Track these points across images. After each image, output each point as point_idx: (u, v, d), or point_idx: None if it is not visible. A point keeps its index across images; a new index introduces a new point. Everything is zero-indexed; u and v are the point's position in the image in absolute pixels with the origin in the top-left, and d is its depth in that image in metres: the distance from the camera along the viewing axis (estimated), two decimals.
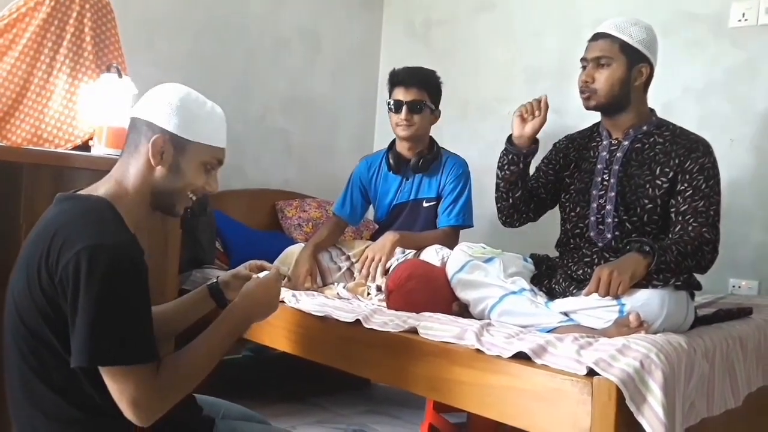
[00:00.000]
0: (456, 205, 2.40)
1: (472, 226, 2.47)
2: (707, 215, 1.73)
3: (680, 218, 1.74)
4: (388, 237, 2.27)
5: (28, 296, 1.13)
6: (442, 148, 2.53)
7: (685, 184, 1.76)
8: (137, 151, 1.23)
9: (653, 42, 1.83)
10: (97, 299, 1.07)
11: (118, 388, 1.09)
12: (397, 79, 2.41)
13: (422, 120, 2.41)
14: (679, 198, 1.76)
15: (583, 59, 1.88)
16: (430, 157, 2.44)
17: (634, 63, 1.81)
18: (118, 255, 1.09)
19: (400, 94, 2.38)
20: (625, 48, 1.80)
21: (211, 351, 1.22)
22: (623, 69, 1.80)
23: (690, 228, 1.72)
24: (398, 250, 2.32)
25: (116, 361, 1.08)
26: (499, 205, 2.03)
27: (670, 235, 1.76)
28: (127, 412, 1.10)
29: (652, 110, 1.90)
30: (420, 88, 2.39)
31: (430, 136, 2.52)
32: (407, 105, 2.37)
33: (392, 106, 2.40)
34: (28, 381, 1.15)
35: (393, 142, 2.51)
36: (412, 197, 2.47)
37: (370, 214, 2.71)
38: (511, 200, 1.99)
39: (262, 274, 1.40)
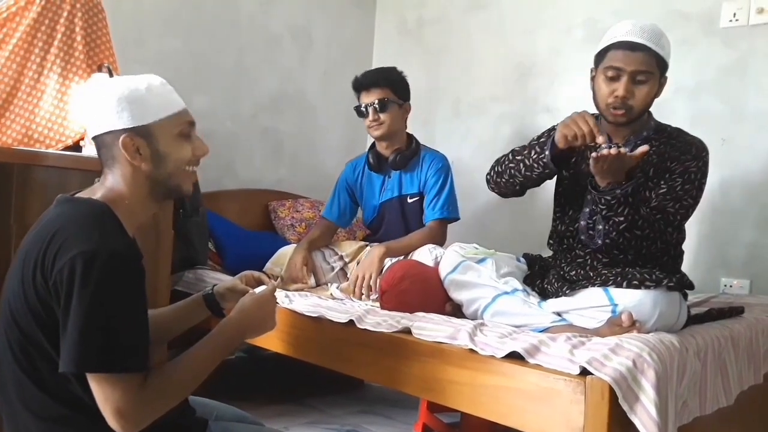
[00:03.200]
0: (439, 199, 2.43)
1: (459, 218, 2.48)
2: (673, 218, 1.72)
3: (648, 211, 1.72)
4: (375, 252, 2.27)
5: (22, 297, 1.13)
6: (422, 144, 2.55)
7: (662, 182, 1.74)
8: (116, 161, 1.22)
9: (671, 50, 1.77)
10: (89, 306, 1.06)
11: (103, 396, 1.08)
12: (359, 84, 2.45)
13: (391, 117, 2.43)
14: (652, 194, 1.75)
15: (615, 68, 1.71)
16: (408, 153, 2.47)
17: (661, 76, 1.74)
18: (113, 262, 1.08)
19: (365, 98, 2.43)
20: (660, 62, 1.72)
21: (201, 364, 1.21)
22: (656, 84, 1.73)
23: (656, 221, 1.71)
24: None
25: (103, 368, 1.07)
26: (501, 182, 1.92)
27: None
28: (111, 421, 1.08)
29: (649, 113, 1.86)
30: (381, 86, 2.43)
31: (409, 133, 2.54)
32: (372, 106, 2.40)
33: (358, 113, 2.45)
34: (19, 381, 1.14)
35: (374, 143, 2.54)
36: (396, 194, 2.50)
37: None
38: (516, 188, 1.93)
39: (258, 289, 1.37)
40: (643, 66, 1.70)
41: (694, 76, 2.54)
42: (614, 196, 1.63)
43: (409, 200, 2.48)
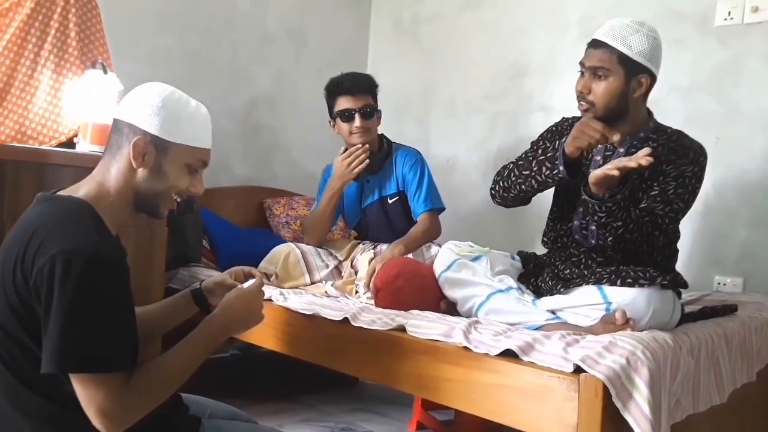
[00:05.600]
0: (422, 192, 2.44)
1: (445, 208, 2.48)
2: (661, 221, 1.72)
3: (637, 212, 1.71)
4: (395, 249, 2.27)
5: (3, 297, 1.12)
6: (394, 142, 2.55)
7: (655, 185, 1.74)
8: (119, 152, 1.21)
9: (656, 50, 1.74)
10: (69, 305, 1.05)
11: (86, 396, 1.07)
12: (343, 88, 2.41)
13: (374, 124, 2.45)
14: (644, 195, 1.75)
15: (581, 64, 1.79)
16: (381, 155, 2.47)
17: (633, 75, 1.72)
18: (93, 260, 1.07)
19: (348, 102, 2.39)
20: (624, 60, 1.71)
21: (185, 362, 1.19)
22: (621, 81, 1.72)
23: (645, 224, 1.70)
24: (384, 247, 2.35)
25: (85, 369, 1.06)
26: (509, 197, 1.92)
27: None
28: (95, 421, 1.07)
29: (649, 113, 1.86)
30: (366, 93, 2.41)
31: (380, 134, 2.53)
32: (359, 113, 2.38)
33: (342, 116, 2.40)
34: (6, 381, 1.14)
35: (345, 149, 2.47)
36: (377, 197, 2.50)
37: None
38: (526, 200, 1.93)
39: (247, 284, 1.36)
40: (598, 62, 1.73)
41: (688, 75, 2.55)
42: (615, 202, 1.62)
43: (390, 201, 2.48)
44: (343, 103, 2.40)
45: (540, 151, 1.93)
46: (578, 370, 1.35)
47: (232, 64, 3.10)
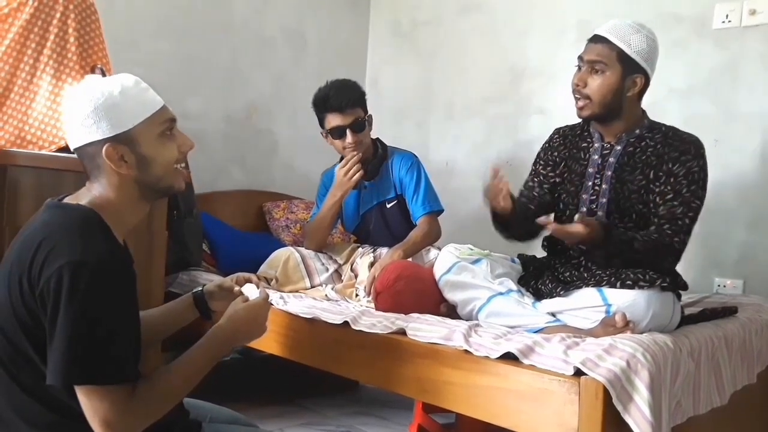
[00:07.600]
0: (419, 194, 2.43)
1: (443, 210, 2.48)
2: (683, 222, 1.73)
3: (656, 220, 1.74)
4: (394, 255, 2.27)
5: (8, 305, 1.11)
6: (389, 146, 2.54)
7: (668, 187, 1.75)
8: (101, 171, 1.19)
9: (653, 52, 1.78)
10: (76, 317, 1.04)
11: (91, 407, 1.06)
12: (330, 105, 2.36)
13: (366, 135, 2.42)
14: (658, 199, 1.75)
15: (579, 58, 1.82)
16: (377, 161, 2.47)
17: (628, 73, 1.76)
18: (101, 272, 1.06)
19: (338, 119, 2.35)
20: (622, 57, 1.75)
21: (190, 373, 1.19)
22: (617, 78, 1.76)
23: (663, 233, 1.71)
24: (384, 250, 2.35)
25: (90, 381, 1.06)
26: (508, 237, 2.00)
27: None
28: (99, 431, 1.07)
29: (643, 112, 1.88)
30: (355, 106, 2.37)
31: (374, 139, 2.52)
32: (350, 129, 2.36)
33: (333, 133, 2.38)
34: (8, 388, 1.13)
35: (341, 157, 2.47)
36: (375, 202, 2.50)
37: None
38: (519, 236, 1.99)
39: (251, 293, 1.36)
40: (597, 57, 1.76)
41: (686, 77, 2.55)
42: (601, 256, 1.66)
43: (388, 205, 2.48)
44: (333, 120, 2.37)
45: (542, 177, 1.98)
46: (578, 372, 1.36)
47: (230, 69, 3.11)
